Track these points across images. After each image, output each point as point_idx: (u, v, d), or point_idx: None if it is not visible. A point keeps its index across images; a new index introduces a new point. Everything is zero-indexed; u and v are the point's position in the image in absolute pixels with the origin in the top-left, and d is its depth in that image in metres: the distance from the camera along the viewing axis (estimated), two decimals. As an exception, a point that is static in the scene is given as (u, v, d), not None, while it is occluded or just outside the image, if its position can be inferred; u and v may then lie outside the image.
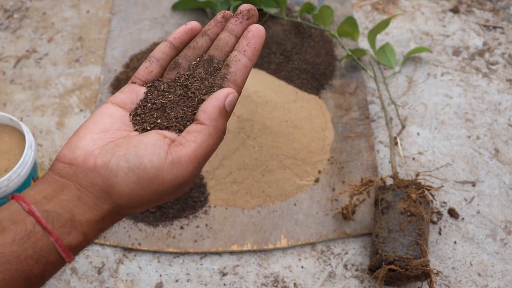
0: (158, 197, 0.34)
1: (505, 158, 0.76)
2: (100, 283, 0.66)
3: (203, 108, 0.36)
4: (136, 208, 0.34)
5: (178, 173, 0.33)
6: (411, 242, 0.60)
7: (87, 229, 0.33)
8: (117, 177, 0.33)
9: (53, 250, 0.32)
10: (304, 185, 0.72)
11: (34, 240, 0.31)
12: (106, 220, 0.34)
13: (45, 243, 0.31)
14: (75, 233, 0.32)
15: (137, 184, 0.33)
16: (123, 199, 0.33)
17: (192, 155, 0.33)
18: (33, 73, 0.86)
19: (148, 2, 0.94)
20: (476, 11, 0.93)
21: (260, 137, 0.73)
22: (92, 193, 0.33)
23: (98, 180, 0.33)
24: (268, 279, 0.66)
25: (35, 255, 0.31)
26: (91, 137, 0.35)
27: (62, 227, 0.32)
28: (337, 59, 0.85)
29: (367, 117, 0.79)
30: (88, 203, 0.33)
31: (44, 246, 0.32)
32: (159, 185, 0.33)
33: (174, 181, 0.33)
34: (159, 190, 0.33)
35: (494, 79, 0.84)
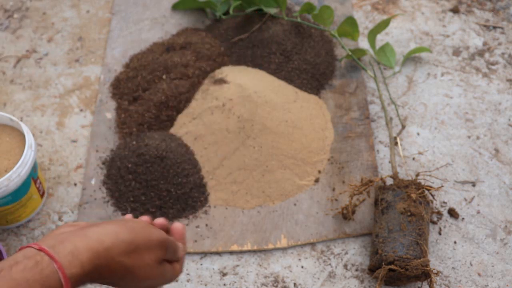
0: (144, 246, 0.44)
1: (505, 158, 0.76)
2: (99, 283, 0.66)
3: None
4: (129, 256, 0.42)
5: (159, 233, 0.47)
6: (411, 242, 0.60)
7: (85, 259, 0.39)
8: (112, 223, 0.44)
9: (56, 276, 0.38)
10: (304, 185, 0.72)
11: (41, 268, 0.38)
12: (102, 258, 0.40)
13: (50, 270, 0.38)
14: (75, 264, 0.39)
15: (129, 228, 0.44)
16: (119, 237, 0.42)
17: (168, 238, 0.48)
18: (33, 73, 0.86)
19: (148, 2, 0.94)
20: (476, 11, 0.93)
21: (260, 137, 0.72)
22: (95, 229, 0.42)
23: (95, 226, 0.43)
24: (268, 279, 0.66)
25: (41, 280, 0.37)
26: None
27: (65, 257, 0.39)
28: (337, 59, 0.85)
29: (367, 117, 0.79)
30: (90, 236, 0.41)
31: (49, 273, 0.38)
32: (147, 233, 0.45)
33: (156, 236, 0.46)
34: (145, 239, 0.44)
35: (494, 79, 0.84)
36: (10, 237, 0.70)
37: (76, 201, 0.73)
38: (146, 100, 0.78)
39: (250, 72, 0.80)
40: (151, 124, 0.77)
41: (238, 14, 0.87)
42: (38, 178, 0.69)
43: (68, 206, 0.72)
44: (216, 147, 0.73)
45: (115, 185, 0.72)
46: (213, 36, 0.87)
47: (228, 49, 0.85)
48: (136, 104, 0.79)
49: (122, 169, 0.72)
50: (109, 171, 0.73)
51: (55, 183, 0.74)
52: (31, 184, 0.67)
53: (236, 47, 0.84)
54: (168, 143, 0.72)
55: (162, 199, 0.70)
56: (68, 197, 0.73)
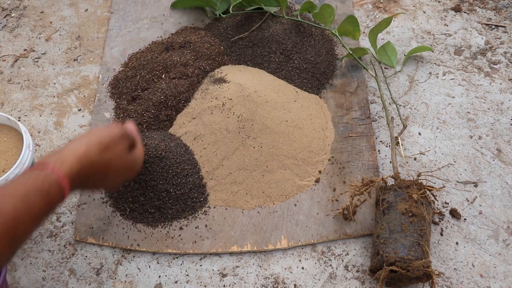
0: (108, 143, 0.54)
1: (507, 158, 0.75)
2: (99, 284, 0.66)
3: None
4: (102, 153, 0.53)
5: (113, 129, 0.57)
6: (412, 243, 0.60)
7: (72, 163, 0.50)
8: (84, 136, 0.55)
9: (52, 176, 0.48)
10: (305, 186, 0.72)
11: (37, 174, 0.48)
12: (84, 158, 0.51)
13: (44, 173, 0.48)
14: (64, 166, 0.49)
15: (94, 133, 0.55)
16: (90, 140, 0.53)
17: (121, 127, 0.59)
18: (31, 73, 0.85)
19: (147, 1, 0.93)
20: (478, 10, 0.92)
21: (260, 137, 0.72)
22: (71, 145, 0.53)
23: (74, 141, 0.54)
24: (268, 280, 0.66)
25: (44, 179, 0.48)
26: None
27: (55, 162, 0.50)
28: (338, 58, 0.85)
29: (368, 117, 0.78)
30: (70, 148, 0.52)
31: (46, 175, 0.48)
32: (105, 133, 0.55)
33: (110, 132, 0.56)
34: (105, 136, 0.55)
35: (496, 79, 0.83)
36: (8, 238, 0.69)
37: (75, 201, 0.72)
38: (145, 100, 0.77)
39: (250, 72, 0.80)
40: (150, 124, 0.76)
41: (238, 13, 0.86)
42: (36, 178, 0.68)
43: (66, 206, 0.72)
44: (216, 147, 0.72)
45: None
46: (213, 35, 0.86)
47: (228, 48, 0.84)
48: (135, 104, 0.78)
49: (120, 169, 0.71)
50: (108, 171, 0.73)
51: None
52: (28, 185, 0.66)
53: (236, 46, 0.84)
54: (167, 143, 0.72)
55: (161, 200, 0.69)
56: (66, 197, 0.73)
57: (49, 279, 0.66)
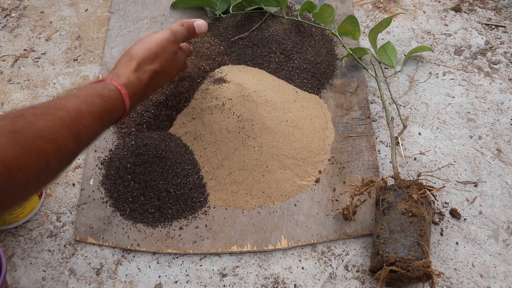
0: (158, 49, 0.61)
1: (507, 158, 0.75)
2: (99, 284, 0.66)
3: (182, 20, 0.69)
4: (153, 61, 0.60)
5: (163, 33, 0.63)
6: (412, 243, 0.60)
7: (129, 75, 0.58)
8: (137, 45, 0.61)
9: (114, 87, 0.55)
10: (305, 186, 0.72)
11: (102, 84, 0.55)
12: (138, 71, 0.59)
13: (106, 83, 0.55)
14: (121, 78, 0.57)
15: (143, 44, 0.61)
16: (140, 53, 0.60)
17: (168, 29, 0.64)
18: (31, 73, 0.85)
19: (147, 1, 0.93)
20: (478, 10, 0.92)
21: (260, 137, 0.72)
22: (123, 60, 0.60)
23: (125, 54, 0.61)
24: (268, 280, 0.66)
25: (105, 88, 0.54)
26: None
27: (111, 77, 0.57)
28: (338, 58, 0.85)
29: (368, 117, 0.78)
30: (123, 64, 0.59)
31: (107, 85, 0.55)
32: (155, 41, 0.61)
33: (161, 37, 0.62)
34: (157, 43, 0.61)
35: (496, 79, 0.83)
36: (8, 238, 0.69)
37: (75, 201, 0.72)
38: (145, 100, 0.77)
39: (250, 72, 0.80)
40: (150, 124, 0.76)
41: (238, 13, 0.86)
42: (36, 178, 0.68)
43: (66, 206, 0.72)
44: (216, 147, 0.72)
45: (114, 186, 0.71)
46: (213, 35, 0.86)
47: (228, 48, 0.84)
48: (135, 104, 0.78)
49: (121, 169, 0.71)
50: (108, 171, 0.73)
51: (53, 183, 0.74)
52: (28, 185, 0.66)
53: (236, 46, 0.84)
54: (167, 143, 0.72)
55: (161, 200, 0.69)
56: (67, 197, 0.73)
57: (49, 279, 0.66)
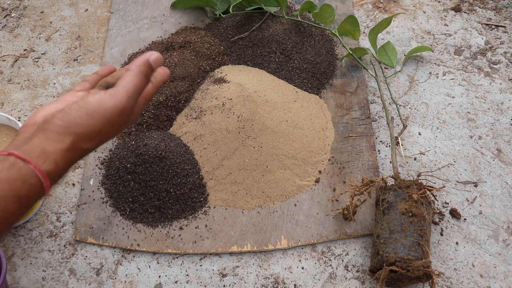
0: (107, 124, 0.45)
1: (507, 158, 0.75)
2: (99, 284, 0.66)
3: (132, 61, 0.48)
4: (94, 139, 0.45)
5: (116, 101, 0.45)
6: (412, 243, 0.60)
7: (58, 158, 0.42)
8: (71, 114, 0.44)
9: (34, 175, 0.41)
10: (305, 185, 0.72)
11: (18, 168, 0.40)
12: (72, 151, 0.43)
13: (26, 169, 0.40)
14: (48, 162, 0.42)
15: (87, 114, 0.44)
16: (79, 129, 0.43)
17: (124, 88, 0.46)
18: (31, 73, 0.85)
19: (147, 1, 0.93)
20: (478, 10, 0.92)
21: (260, 137, 0.72)
22: (55, 131, 0.43)
23: (57, 121, 0.43)
24: (268, 280, 0.66)
25: (20, 178, 0.40)
26: (47, 109, 0.47)
27: (37, 158, 0.41)
28: (338, 58, 0.85)
29: (368, 117, 0.78)
30: (54, 138, 0.43)
31: (27, 171, 0.40)
32: (104, 111, 0.44)
33: (114, 108, 0.45)
34: (105, 116, 0.44)
35: (496, 79, 0.83)
36: (8, 238, 0.69)
37: (75, 201, 0.72)
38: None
39: (250, 72, 0.80)
40: (150, 124, 0.76)
41: (238, 13, 0.86)
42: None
43: (66, 206, 0.72)
44: (216, 147, 0.72)
45: (114, 186, 0.71)
46: (213, 35, 0.86)
47: (228, 48, 0.84)
48: (135, 104, 0.78)
49: (121, 169, 0.71)
50: (108, 171, 0.73)
51: (53, 183, 0.74)
52: (28, 185, 0.66)
53: (236, 46, 0.84)
54: (167, 143, 0.72)
55: (161, 200, 0.69)
56: (66, 197, 0.73)
57: (49, 279, 0.66)
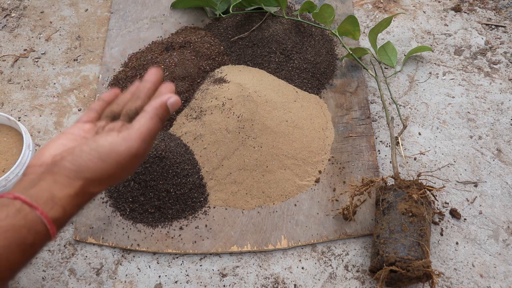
0: (119, 168, 0.42)
1: (507, 158, 0.75)
2: (99, 284, 0.66)
3: (149, 102, 0.45)
4: (104, 183, 0.42)
5: (129, 145, 0.42)
6: (412, 243, 0.60)
7: (66, 203, 0.40)
8: (82, 157, 0.41)
9: (40, 221, 0.38)
10: (305, 186, 0.72)
11: (24, 214, 0.38)
12: (80, 196, 0.41)
13: (33, 216, 0.38)
14: (56, 208, 0.39)
15: (99, 159, 0.41)
16: (90, 173, 0.41)
17: (138, 132, 0.43)
18: (31, 73, 0.85)
19: (147, 1, 0.93)
20: (478, 10, 0.92)
21: (260, 137, 0.72)
22: (64, 174, 0.40)
23: (67, 164, 0.41)
24: (268, 280, 0.66)
25: (26, 225, 0.38)
26: (54, 146, 0.44)
27: (44, 203, 0.39)
28: (338, 58, 0.85)
29: (368, 117, 0.78)
30: (63, 182, 0.40)
31: (33, 218, 0.38)
32: (117, 155, 0.42)
33: (127, 153, 0.42)
34: (118, 161, 0.42)
35: (496, 79, 0.83)
36: (8, 238, 0.69)
37: (75, 201, 0.72)
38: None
39: (250, 72, 0.80)
40: (150, 124, 0.76)
41: (238, 13, 0.86)
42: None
43: (66, 206, 0.72)
44: (216, 147, 0.72)
45: (114, 186, 0.71)
46: (213, 35, 0.86)
47: (228, 48, 0.84)
48: (135, 104, 0.78)
49: (120, 169, 0.71)
50: (108, 171, 0.73)
51: None
52: (28, 185, 0.66)
53: (236, 46, 0.84)
54: (167, 143, 0.72)
55: (161, 200, 0.69)
56: (66, 197, 0.72)
57: (49, 279, 0.66)
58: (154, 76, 0.49)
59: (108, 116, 0.48)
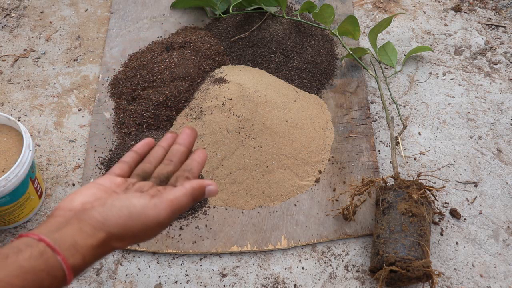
0: (143, 231, 0.42)
1: (507, 158, 0.75)
2: (99, 284, 0.66)
3: (191, 182, 0.46)
4: (125, 240, 0.42)
5: (158, 213, 0.42)
6: (412, 243, 0.60)
7: (86, 252, 0.40)
8: (112, 211, 0.42)
9: (59, 267, 0.39)
10: (305, 186, 0.72)
11: (46, 258, 0.39)
12: (101, 248, 0.41)
13: (54, 260, 0.39)
14: (77, 255, 0.40)
15: (128, 217, 0.42)
16: (115, 228, 0.41)
17: (169, 202, 0.43)
18: (31, 73, 0.85)
19: (147, 1, 0.93)
20: (478, 10, 0.92)
21: (260, 137, 0.72)
22: (90, 224, 0.41)
23: (96, 214, 0.41)
24: (268, 280, 0.66)
25: (46, 269, 0.38)
26: (85, 194, 0.44)
27: (67, 250, 0.40)
28: (338, 58, 0.85)
29: (368, 117, 0.78)
30: (87, 231, 0.41)
31: (53, 263, 0.39)
32: (145, 219, 0.42)
33: (155, 219, 0.42)
34: (145, 224, 0.42)
35: (496, 79, 0.83)
36: (8, 238, 0.69)
37: (75, 201, 0.72)
38: (145, 100, 0.77)
39: (250, 72, 0.80)
40: (150, 124, 0.76)
41: (238, 13, 0.86)
42: (36, 178, 0.68)
43: (66, 206, 0.72)
44: (216, 147, 0.72)
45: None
46: (213, 35, 0.86)
47: (228, 48, 0.84)
48: (135, 104, 0.78)
49: (120, 169, 0.71)
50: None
51: (53, 183, 0.74)
52: (29, 185, 0.66)
53: (236, 46, 0.84)
54: (167, 143, 0.72)
55: (161, 200, 0.69)
56: (66, 197, 0.72)
57: None
58: (188, 138, 0.50)
59: (139, 175, 0.48)
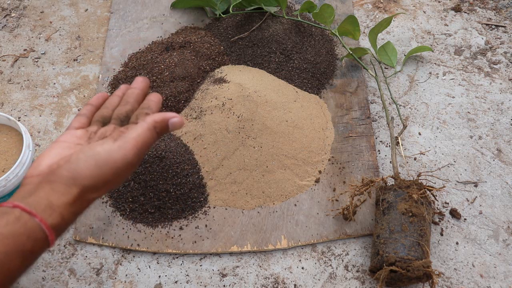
0: (115, 176, 0.43)
1: (507, 158, 0.75)
2: (99, 284, 0.66)
3: (152, 114, 0.46)
4: (100, 189, 0.43)
5: (125, 153, 0.43)
6: (412, 243, 0.60)
7: (64, 210, 0.41)
8: (79, 165, 0.42)
9: (39, 229, 0.39)
10: (305, 186, 0.72)
11: (23, 222, 0.39)
12: (77, 203, 0.42)
13: (32, 223, 0.39)
14: (55, 215, 0.40)
15: (95, 166, 0.42)
16: (87, 180, 0.42)
17: (133, 141, 0.43)
18: (31, 73, 0.85)
19: (147, 1, 0.93)
20: (478, 10, 0.92)
21: (260, 137, 0.72)
22: (61, 183, 0.41)
23: (64, 172, 0.42)
24: (268, 280, 0.66)
25: (26, 233, 0.39)
26: (49, 155, 0.44)
27: (43, 211, 0.40)
28: (338, 58, 0.85)
29: (368, 117, 0.78)
30: (60, 190, 0.41)
31: (32, 226, 0.39)
32: (113, 163, 0.42)
33: (123, 160, 0.43)
34: (114, 168, 0.42)
35: (496, 79, 0.83)
36: (8, 238, 0.69)
37: (74, 201, 0.72)
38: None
39: (250, 72, 0.80)
40: (150, 124, 0.76)
41: (238, 13, 0.86)
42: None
43: (66, 206, 0.72)
44: (216, 147, 0.72)
45: (114, 186, 0.71)
46: (213, 35, 0.86)
47: (228, 48, 0.84)
48: (135, 104, 0.78)
49: (120, 169, 0.71)
50: (108, 171, 0.73)
51: None
52: (28, 185, 0.66)
53: (236, 46, 0.84)
54: (167, 143, 0.72)
55: (161, 200, 0.69)
56: (66, 197, 0.72)
57: (49, 279, 0.66)
58: (141, 83, 0.50)
59: (99, 121, 0.48)
